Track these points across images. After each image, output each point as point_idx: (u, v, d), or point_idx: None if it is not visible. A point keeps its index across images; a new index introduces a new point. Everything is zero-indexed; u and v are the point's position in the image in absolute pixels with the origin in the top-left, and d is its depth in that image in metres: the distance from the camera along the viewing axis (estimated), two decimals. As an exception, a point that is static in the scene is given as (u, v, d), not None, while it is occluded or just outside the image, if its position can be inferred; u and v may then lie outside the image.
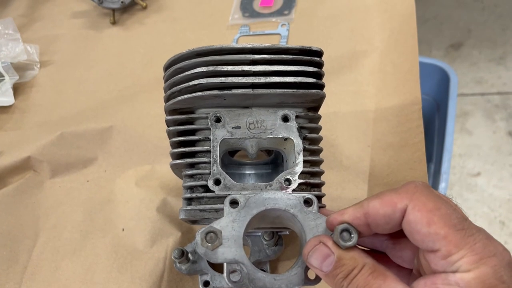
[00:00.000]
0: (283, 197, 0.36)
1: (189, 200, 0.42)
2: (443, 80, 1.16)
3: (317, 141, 0.44)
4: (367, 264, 0.32)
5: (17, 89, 0.72)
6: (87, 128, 0.64)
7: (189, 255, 0.49)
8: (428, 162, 1.16)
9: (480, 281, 0.28)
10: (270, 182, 0.41)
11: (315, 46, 0.42)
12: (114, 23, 0.79)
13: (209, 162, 0.41)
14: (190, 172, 0.42)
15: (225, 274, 0.35)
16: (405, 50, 0.64)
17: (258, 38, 0.72)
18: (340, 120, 0.61)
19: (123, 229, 0.55)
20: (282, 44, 0.68)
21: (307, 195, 0.37)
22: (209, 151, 0.41)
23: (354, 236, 0.32)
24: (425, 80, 1.19)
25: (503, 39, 1.84)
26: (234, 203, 0.36)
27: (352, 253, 0.32)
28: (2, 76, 0.70)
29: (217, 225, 0.34)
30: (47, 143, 0.62)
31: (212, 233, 0.34)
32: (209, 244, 0.33)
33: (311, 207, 0.36)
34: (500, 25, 1.89)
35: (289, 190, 0.40)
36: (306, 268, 0.35)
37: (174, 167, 0.44)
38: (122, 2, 0.77)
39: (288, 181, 0.41)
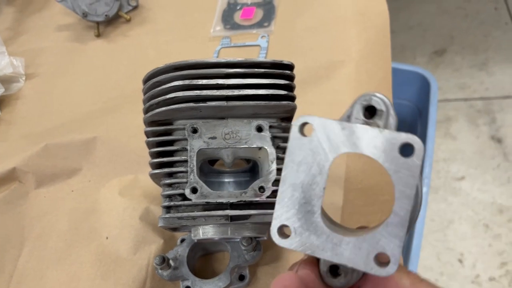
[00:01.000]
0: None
1: (168, 208, 0.44)
2: (424, 87, 1.19)
3: (290, 150, 0.46)
4: None
5: (2, 101, 0.73)
6: (71, 139, 0.65)
7: (171, 261, 0.50)
8: (410, 167, 1.19)
9: None
10: (245, 190, 0.43)
11: (292, 57, 0.45)
12: (98, 35, 0.80)
13: (187, 172, 0.43)
14: (168, 181, 0.44)
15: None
16: (379, 60, 0.67)
17: (238, 49, 0.74)
18: (317, 128, 0.63)
19: (107, 237, 0.57)
20: (261, 56, 0.71)
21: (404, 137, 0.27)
22: (186, 161, 0.43)
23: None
24: (407, 87, 1.22)
25: (485, 46, 1.88)
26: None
27: None
28: (-12, 89, 0.72)
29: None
30: (32, 154, 0.63)
31: None
32: None
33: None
34: (482, 31, 1.93)
35: (263, 197, 0.42)
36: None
37: (153, 177, 0.46)
38: (106, 15, 0.79)
39: (262, 189, 0.43)
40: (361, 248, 0.26)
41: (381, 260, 0.26)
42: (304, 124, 0.29)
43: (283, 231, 0.29)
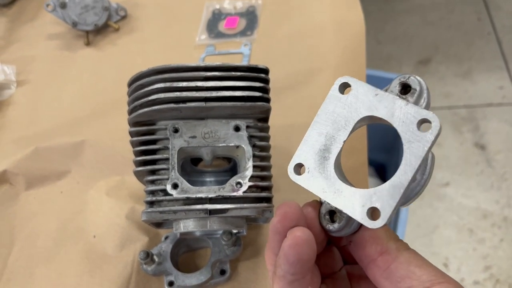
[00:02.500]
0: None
1: (151, 204, 0.46)
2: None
3: (266, 148, 0.49)
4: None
5: (-6, 107, 0.76)
6: (60, 143, 0.67)
7: (155, 257, 0.53)
8: (394, 173, 1.21)
9: None
10: (223, 185, 0.45)
11: (273, 64, 0.48)
12: (88, 44, 0.83)
13: (168, 169, 0.45)
14: (151, 178, 0.46)
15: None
16: (354, 67, 0.70)
17: (223, 57, 0.77)
18: (296, 131, 0.64)
19: (94, 236, 0.59)
20: (245, 63, 0.74)
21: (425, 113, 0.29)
22: (168, 159, 0.46)
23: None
24: (391, 95, 1.26)
25: (468, 55, 1.93)
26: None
27: None
28: (-20, 95, 0.74)
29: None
30: (22, 157, 0.66)
31: None
32: None
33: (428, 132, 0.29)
34: (466, 41, 1.98)
35: (240, 192, 0.45)
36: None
37: (137, 174, 0.49)
38: (95, 24, 0.82)
39: (239, 184, 0.45)
40: (358, 199, 0.29)
41: (373, 214, 0.29)
42: (344, 84, 0.32)
43: (298, 169, 0.32)
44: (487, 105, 1.77)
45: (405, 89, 0.31)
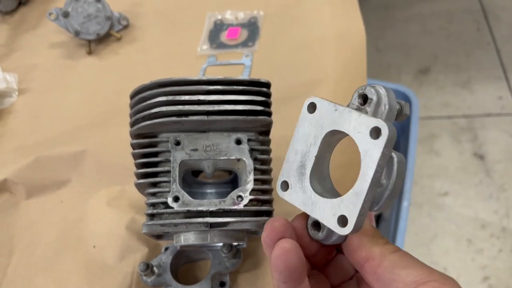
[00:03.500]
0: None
1: (151, 216, 0.46)
2: (406, 105, 1.22)
3: (267, 161, 0.49)
4: None
5: (-5, 115, 0.76)
6: (61, 152, 0.68)
7: (154, 268, 0.53)
8: (393, 182, 1.22)
9: None
10: (224, 199, 0.45)
11: (274, 75, 0.48)
12: (90, 53, 0.84)
13: (169, 181, 0.45)
14: (152, 190, 0.46)
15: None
16: (355, 79, 0.70)
17: (224, 68, 0.77)
18: (297, 143, 0.66)
19: (94, 246, 0.59)
20: (245, 74, 0.74)
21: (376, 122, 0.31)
22: (169, 171, 0.46)
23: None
24: (390, 104, 1.26)
25: (467, 65, 1.94)
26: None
27: None
28: (-18, 103, 0.74)
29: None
30: (23, 166, 0.66)
31: None
32: None
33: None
34: (464, 51, 1.99)
35: (241, 205, 0.45)
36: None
37: (138, 186, 0.49)
38: (97, 34, 0.82)
39: (240, 197, 0.46)
40: (330, 208, 0.32)
41: (343, 221, 0.31)
42: (311, 104, 0.35)
43: (284, 186, 0.36)
44: (486, 115, 1.77)
45: (364, 100, 0.33)
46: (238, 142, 0.47)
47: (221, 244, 0.53)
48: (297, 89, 0.72)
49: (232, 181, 0.54)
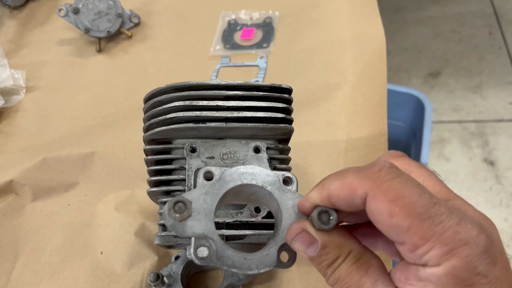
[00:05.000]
0: (261, 173, 0.34)
1: (164, 226, 0.44)
2: (419, 109, 1.21)
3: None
4: (353, 252, 0.30)
5: (2, 113, 0.74)
6: (69, 153, 0.66)
7: (165, 278, 0.51)
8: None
9: (452, 276, 0.25)
10: (241, 210, 0.43)
11: (290, 78, 0.46)
12: (100, 51, 0.82)
13: (184, 190, 0.43)
14: (165, 199, 0.44)
15: (192, 249, 0.33)
16: (375, 84, 0.68)
17: (238, 69, 0.75)
18: (313, 149, 0.64)
19: (101, 253, 0.57)
20: (259, 77, 0.72)
21: (286, 173, 0.35)
22: (184, 180, 0.43)
23: (333, 217, 0.31)
24: (402, 109, 1.24)
25: (478, 69, 1.91)
26: (208, 175, 0.34)
27: (337, 239, 0.30)
28: (-12, 100, 0.72)
29: (188, 196, 0.32)
30: (29, 167, 0.64)
31: (181, 204, 0.32)
32: (177, 215, 0.31)
33: (290, 186, 0.35)
34: (476, 55, 1.96)
35: (259, 218, 0.43)
36: (280, 250, 0.33)
37: (151, 194, 0.47)
38: (108, 31, 0.80)
39: (258, 209, 0.43)
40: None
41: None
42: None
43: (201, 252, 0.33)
44: (497, 120, 1.75)
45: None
46: (257, 150, 0.45)
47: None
48: (314, 93, 0.70)
49: (246, 189, 0.52)
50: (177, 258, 0.54)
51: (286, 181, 0.35)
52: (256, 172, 0.34)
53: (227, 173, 0.34)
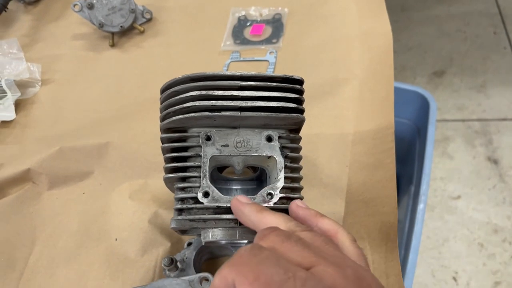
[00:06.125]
0: (171, 283, 0.46)
1: (180, 211, 0.46)
2: (424, 107, 1.22)
3: (297, 159, 0.49)
4: None
5: (18, 105, 0.76)
6: (84, 144, 0.68)
7: (178, 263, 0.53)
8: (408, 184, 1.21)
9: None
10: (254, 196, 0.45)
11: (299, 73, 0.47)
12: (113, 45, 0.83)
13: (199, 177, 0.45)
14: (181, 185, 0.46)
15: None
16: (382, 79, 0.70)
17: (247, 64, 0.77)
18: (321, 141, 0.65)
19: (116, 239, 0.59)
20: (269, 71, 0.74)
21: (201, 275, 0.47)
22: (199, 167, 0.45)
23: None
24: (407, 106, 1.25)
25: (483, 68, 1.92)
26: None
27: None
28: (5, 92, 0.74)
29: None
30: (46, 157, 0.66)
31: None
32: None
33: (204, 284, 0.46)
34: (481, 54, 1.97)
35: (271, 203, 0.45)
36: None
37: (167, 181, 0.49)
38: (121, 26, 0.82)
39: (270, 195, 0.45)
40: None
41: None
42: None
43: None
44: (500, 119, 1.76)
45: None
46: (269, 139, 0.47)
47: (246, 241, 0.52)
48: (322, 87, 0.71)
49: (257, 178, 0.53)
50: (189, 244, 0.56)
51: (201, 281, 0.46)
52: (166, 283, 0.45)
53: None
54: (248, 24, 0.83)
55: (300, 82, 0.47)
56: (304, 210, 0.41)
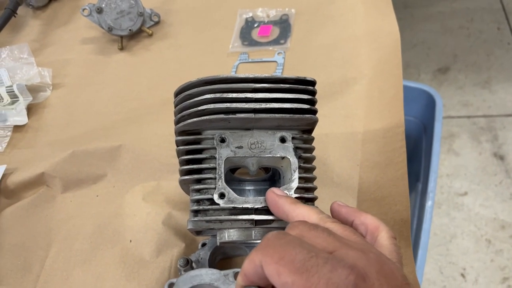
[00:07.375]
0: (207, 273, 0.46)
1: (196, 212, 0.47)
2: (430, 104, 1.22)
3: (310, 160, 0.49)
4: None
5: (30, 109, 0.77)
6: (97, 147, 0.68)
7: (193, 264, 0.53)
8: (415, 181, 1.21)
9: None
10: (268, 196, 0.46)
11: (307, 73, 0.48)
12: (122, 49, 0.84)
13: (215, 178, 0.46)
14: (197, 187, 0.46)
15: None
16: (390, 78, 0.70)
17: (256, 65, 0.77)
18: (331, 141, 0.66)
19: (130, 241, 0.59)
20: (277, 72, 0.74)
21: (234, 270, 0.47)
22: (214, 168, 0.46)
23: None
24: (413, 103, 1.26)
25: (487, 64, 1.92)
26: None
27: None
28: (17, 97, 0.75)
29: None
30: (59, 160, 0.66)
31: None
32: None
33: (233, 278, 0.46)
34: (485, 50, 1.97)
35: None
36: None
37: (182, 183, 0.49)
38: (130, 30, 0.82)
39: (286, 192, 0.46)
40: None
41: None
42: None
43: None
44: (506, 115, 1.76)
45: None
46: (283, 140, 0.47)
47: (259, 240, 0.53)
48: (331, 87, 0.72)
49: (270, 178, 0.54)
50: (203, 245, 0.56)
51: (235, 275, 0.46)
52: (203, 273, 0.46)
53: (180, 280, 0.46)
54: (255, 25, 0.84)
55: (313, 83, 0.48)
56: (346, 208, 0.42)
